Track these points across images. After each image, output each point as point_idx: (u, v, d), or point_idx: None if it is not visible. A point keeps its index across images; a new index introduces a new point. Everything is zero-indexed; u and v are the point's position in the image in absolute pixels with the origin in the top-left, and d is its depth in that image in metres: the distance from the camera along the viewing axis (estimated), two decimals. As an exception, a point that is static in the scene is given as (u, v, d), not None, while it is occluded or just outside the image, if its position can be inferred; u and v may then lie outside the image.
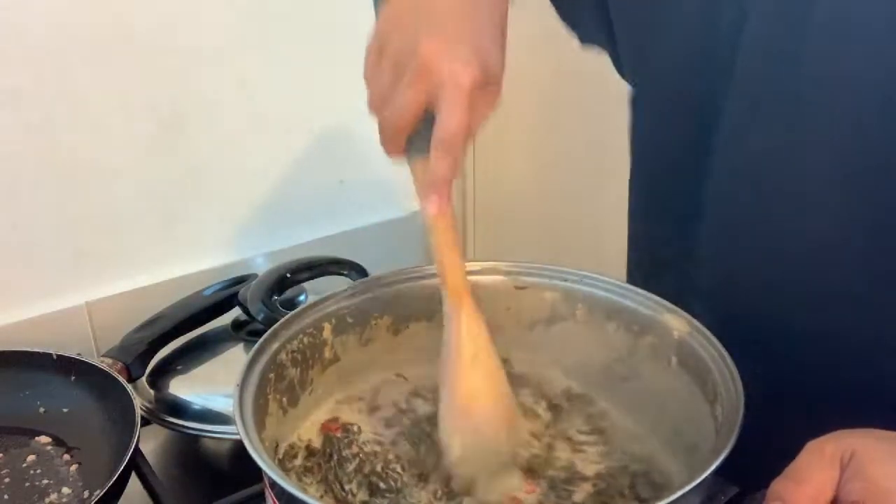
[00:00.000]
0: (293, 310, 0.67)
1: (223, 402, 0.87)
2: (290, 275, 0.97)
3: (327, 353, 0.68)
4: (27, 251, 0.98)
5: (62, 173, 0.97)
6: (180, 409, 0.88)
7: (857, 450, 0.48)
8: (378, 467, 0.62)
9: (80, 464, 0.80)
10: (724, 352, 0.60)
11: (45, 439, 0.83)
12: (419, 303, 0.70)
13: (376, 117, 0.60)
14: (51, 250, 0.99)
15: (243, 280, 1.01)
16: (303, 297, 0.97)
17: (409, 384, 0.71)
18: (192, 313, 0.97)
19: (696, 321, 0.63)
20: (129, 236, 1.04)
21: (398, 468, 0.63)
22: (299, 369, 0.65)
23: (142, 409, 0.85)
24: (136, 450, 0.75)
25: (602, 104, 0.77)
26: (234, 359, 0.93)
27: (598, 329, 0.69)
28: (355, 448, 0.64)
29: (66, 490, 0.77)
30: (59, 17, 0.91)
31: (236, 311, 0.97)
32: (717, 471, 0.50)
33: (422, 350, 0.70)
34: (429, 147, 0.56)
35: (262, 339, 0.63)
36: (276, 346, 0.63)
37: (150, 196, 1.04)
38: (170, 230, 1.07)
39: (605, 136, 1.12)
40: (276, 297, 0.94)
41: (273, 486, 0.53)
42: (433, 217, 0.58)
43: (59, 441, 0.83)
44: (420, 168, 0.59)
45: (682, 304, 0.65)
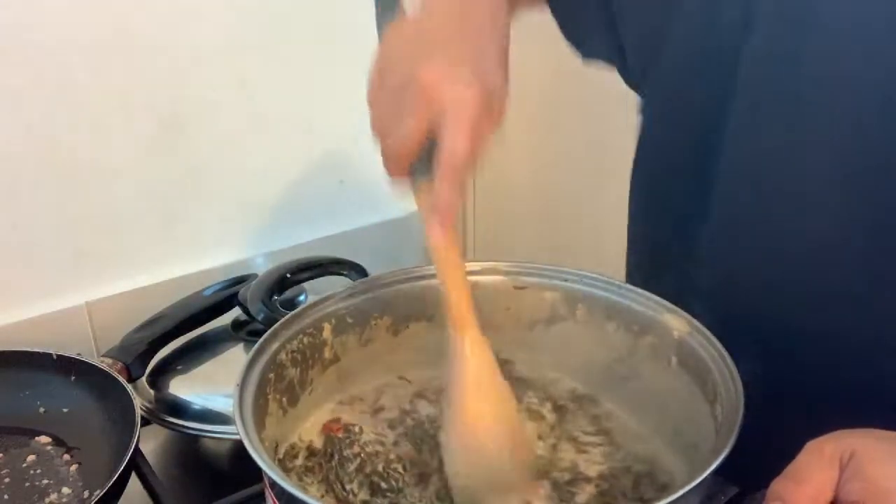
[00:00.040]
0: (293, 310, 0.67)
1: (223, 402, 0.87)
2: (290, 275, 0.97)
3: (327, 354, 0.68)
4: (27, 251, 0.98)
5: (62, 173, 0.97)
6: (180, 409, 0.89)
7: (856, 450, 0.48)
8: (379, 467, 0.62)
9: (80, 464, 0.80)
10: (724, 352, 0.60)
11: (45, 439, 0.83)
12: (419, 303, 0.70)
13: (379, 143, 0.59)
14: (51, 250, 0.99)
15: (243, 280, 1.01)
16: (303, 297, 0.97)
17: (412, 386, 0.71)
18: (192, 313, 0.97)
19: (696, 321, 0.63)
20: (129, 236, 1.04)
21: (399, 468, 0.63)
22: (299, 369, 0.65)
23: (142, 409, 0.85)
24: (136, 450, 0.75)
25: (602, 104, 0.77)
26: (234, 359, 0.93)
27: (598, 329, 0.68)
28: (356, 448, 0.64)
29: (66, 490, 0.77)
30: (59, 17, 0.91)
31: (236, 311, 0.97)
32: (717, 471, 0.50)
33: (422, 350, 0.70)
34: (432, 171, 0.55)
35: (262, 339, 0.63)
36: (275, 346, 0.63)
37: (150, 196, 1.04)
38: (170, 230, 1.07)
39: (605, 136, 1.12)
40: (276, 297, 0.94)
41: (273, 486, 0.53)
42: (438, 244, 0.57)
43: (59, 441, 0.83)
44: (424, 192, 0.58)
45: (682, 304, 0.65)
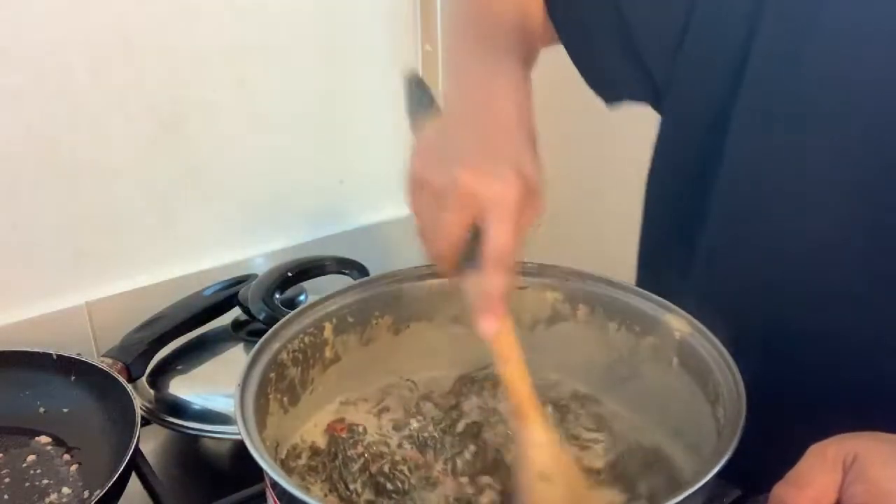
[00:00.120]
0: (294, 309, 0.67)
1: (223, 402, 0.87)
2: (290, 274, 0.97)
3: (328, 353, 0.68)
4: (27, 251, 0.97)
5: (62, 173, 0.97)
6: (180, 409, 0.88)
7: (859, 453, 0.48)
8: (385, 468, 0.62)
9: (80, 464, 0.80)
10: (725, 352, 0.60)
11: (45, 439, 0.83)
12: (420, 302, 0.70)
13: (425, 245, 0.61)
14: (51, 250, 0.99)
15: (243, 280, 1.01)
16: (303, 297, 0.97)
17: (417, 388, 0.71)
18: (192, 313, 0.97)
19: (697, 321, 0.63)
20: (129, 236, 1.04)
21: (405, 470, 0.63)
22: (300, 369, 0.65)
23: (142, 409, 0.85)
24: (136, 450, 0.75)
25: (603, 105, 0.77)
26: (234, 359, 0.93)
27: (600, 329, 0.69)
28: (360, 448, 0.64)
29: (66, 490, 0.77)
30: (59, 17, 0.91)
31: (236, 311, 0.97)
32: (719, 473, 0.50)
33: (422, 350, 0.70)
34: (478, 260, 0.57)
35: (263, 339, 0.63)
36: (277, 345, 0.63)
37: (150, 196, 1.03)
38: (170, 230, 1.06)
39: (606, 136, 1.12)
40: (276, 296, 0.94)
41: (274, 486, 0.53)
42: (493, 333, 0.58)
43: (59, 441, 0.83)
44: (472, 283, 0.58)
45: (683, 304, 0.65)
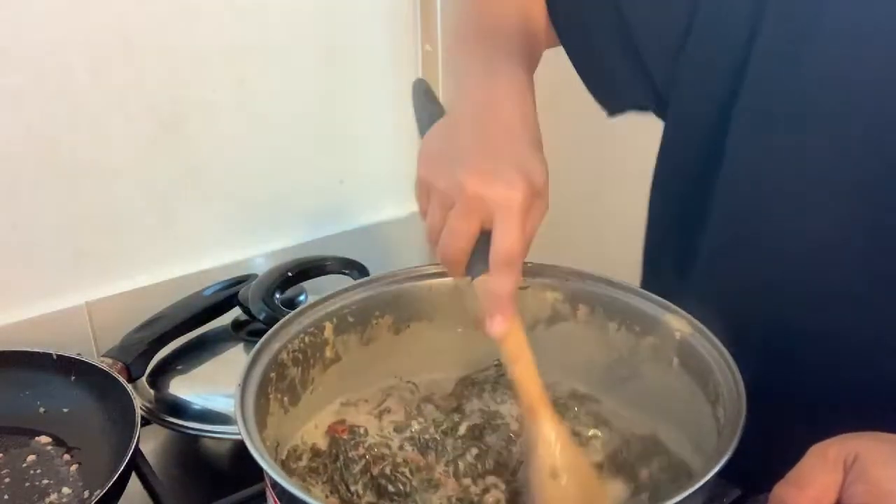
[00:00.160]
0: (294, 309, 0.67)
1: (223, 402, 0.87)
2: (290, 274, 0.97)
3: (328, 353, 0.68)
4: (27, 251, 0.97)
5: (62, 173, 0.97)
6: (180, 409, 0.88)
7: (860, 453, 0.48)
8: (387, 470, 0.62)
9: (80, 464, 0.80)
10: (725, 352, 0.60)
11: (45, 439, 0.83)
12: (420, 302, 0.70)
13: (435, 248, 0.61)
14: (51, 250, 0.99)
15: (243, 280, 1.01)
16: (303, 297, 0.97)
17: (418, 390, 0.71)
18: (192, 313, 0.97)
19: (697, 321, 0.63)
20: (129, 236, 1.04)
21: (407, 472, 0.63)
22: (300, 369, 0.65)
23: (142, 409, 0.85)
24: (136, 450, 0.75)
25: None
26: (234, 359, 0.93)
27: (600, 329, 0.69)
28: (361, 450, 0.64)
29: (66, 490, 0.77)
30: (59, 17, 0.91)
31: (236, 311, 0.97)
32: (719, 473, 0.50)
33: (423, 350, 0.70)
34: (486, 262, 0.57)
35: (263, 339, 0.63)
36: (277, 345, 0.63)
37: (150, 196, 1.03)
38: (170, 230, 1.06)
39: (606, 138, 1.12)
40: (277, 296, 0.94)
41: (274, 486, 0.53)
42: (503, 333, 0.58)
43: (59, 441, 0.83)
44: (480, 284, 0.59)
45: (683, 304, 0.65)
